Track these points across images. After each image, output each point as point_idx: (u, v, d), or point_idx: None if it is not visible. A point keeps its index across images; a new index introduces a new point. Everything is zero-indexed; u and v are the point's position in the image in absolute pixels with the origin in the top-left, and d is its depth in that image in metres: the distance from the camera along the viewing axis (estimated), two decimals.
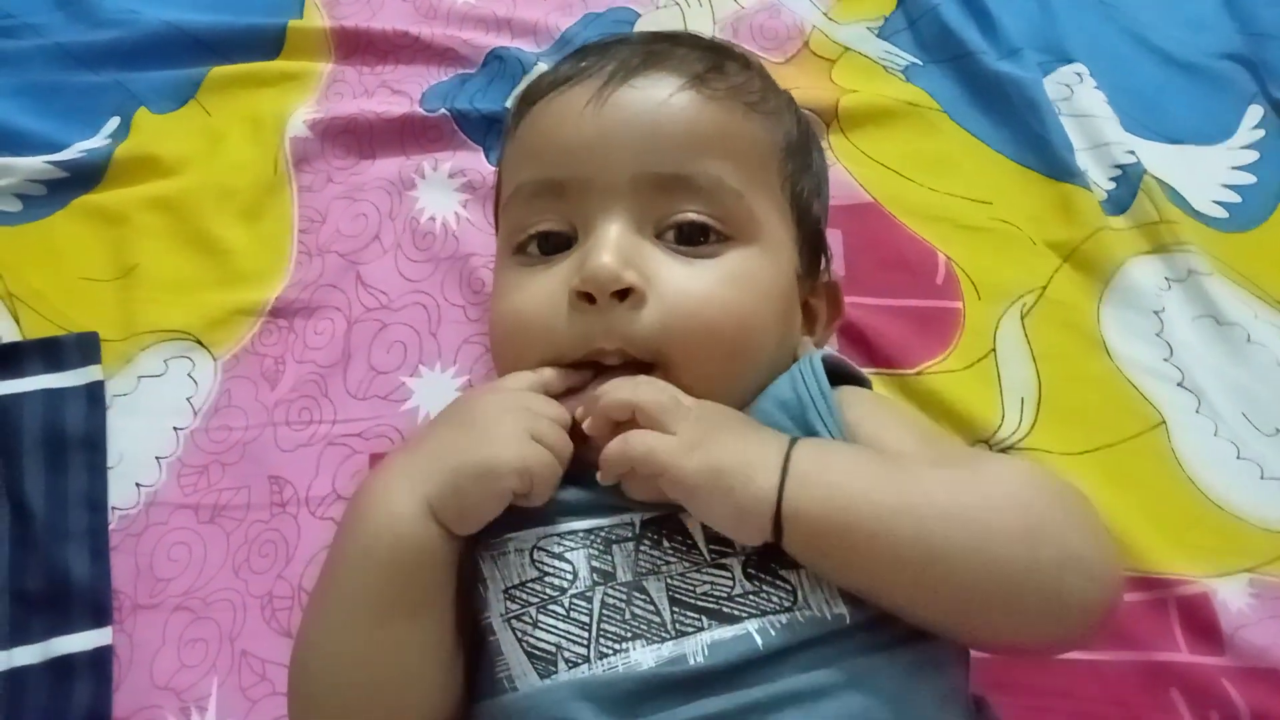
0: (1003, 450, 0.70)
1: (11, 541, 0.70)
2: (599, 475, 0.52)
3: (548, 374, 0.57)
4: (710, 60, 0.62)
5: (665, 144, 0.58)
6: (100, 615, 0.67)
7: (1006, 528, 0.48)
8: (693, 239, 0.58)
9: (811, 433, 0.55)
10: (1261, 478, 0.69)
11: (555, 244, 0.59)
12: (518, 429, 0.53)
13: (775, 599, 0.50)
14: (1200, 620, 0.64)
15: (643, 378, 0.54)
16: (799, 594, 0.50)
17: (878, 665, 0.48)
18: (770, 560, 0.51)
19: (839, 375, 0.60)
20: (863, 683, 0.48)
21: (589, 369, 0.57)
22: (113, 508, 0.71)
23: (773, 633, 0.49)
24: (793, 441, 0.51)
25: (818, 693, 0.47)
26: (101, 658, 0.66)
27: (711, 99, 0.60)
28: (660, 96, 0.59)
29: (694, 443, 0.50)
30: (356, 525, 0.52)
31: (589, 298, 0.55)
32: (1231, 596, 0.65)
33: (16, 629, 0.67)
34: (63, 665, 0.66)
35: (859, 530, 0.48)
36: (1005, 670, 0.62)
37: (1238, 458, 0.70)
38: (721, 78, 0.61)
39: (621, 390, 0.52)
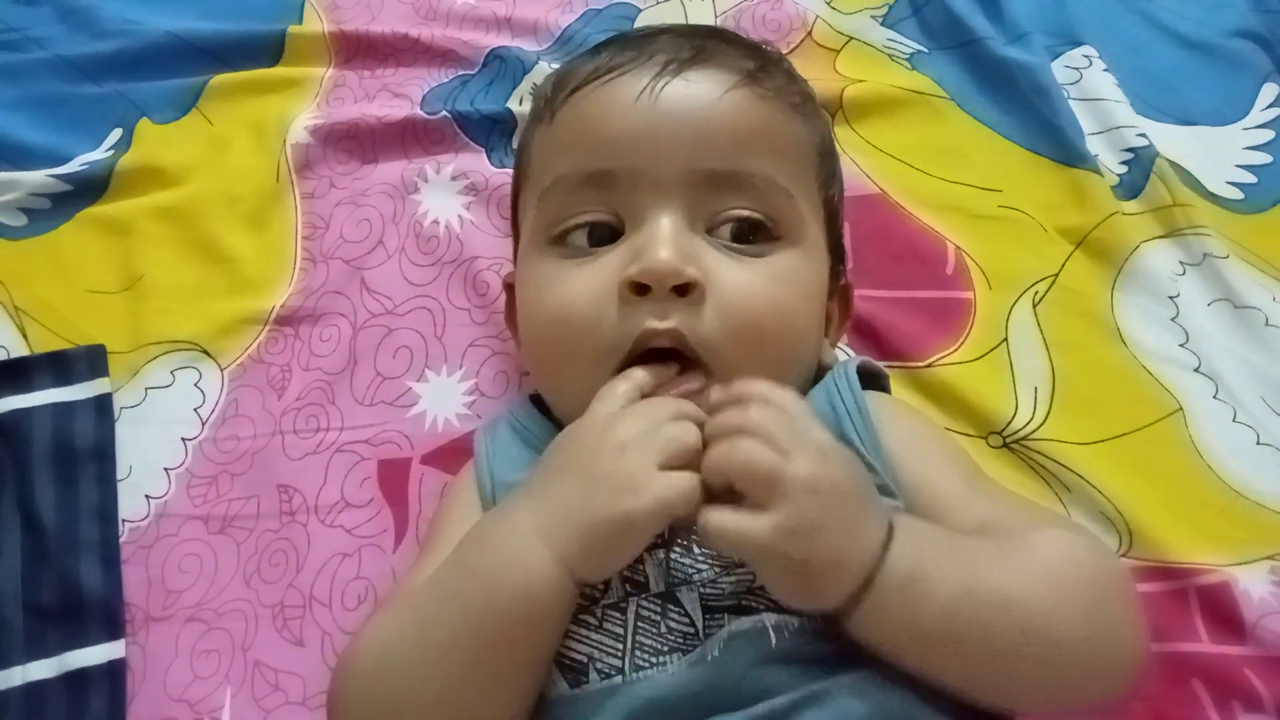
0: (1017, 441, 0.69)
1: (24, 555, 0.70)
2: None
3: (639, 375, 0.54)
4: (756, 59, 0.62)
5: (720, 140, 0.58)
6: (113, 628, 0.67)
7: (1072, 629, 0.48)
8: (743, 237, 0.58)
9: (845, 441, 0.54)
10: None
11: (599, 236, 0.59)
12: (644, 464, 0.49)
13: None
14: (1221, 610, 0.63)
15: (751, 413, 0.49)
16: None
17: (889, 671, 0.48)
18: None
19: (865, 378, 0.60)
20: (876, 685, 0.47)
21: (666, 362, 0.55)
22: (123, 520, 0.71)
23: (786, 634, 0.49)
24: (889, 535, 0.48)
25: (835, 694, 0.47)
26: (115, 670, 0.66)
27: (761, 98, 0.60)
28: (714, 92, 0.59)
29: (792, 529, 0.45)
30: (489, 579, 0.49)
31: (641, 288, 0.54)
32: (1253, 585, 0.63)
33: (32, 642, 0.67)
34: (78, 678, 0.66)
35: (927, 641, 0.47)
36: None
37: (1257, 443, 0.69)
38: (769, 78, 0.61)
39: (715, 458, 0.48)
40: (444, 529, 0.59)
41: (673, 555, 0.52)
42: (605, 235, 0.59)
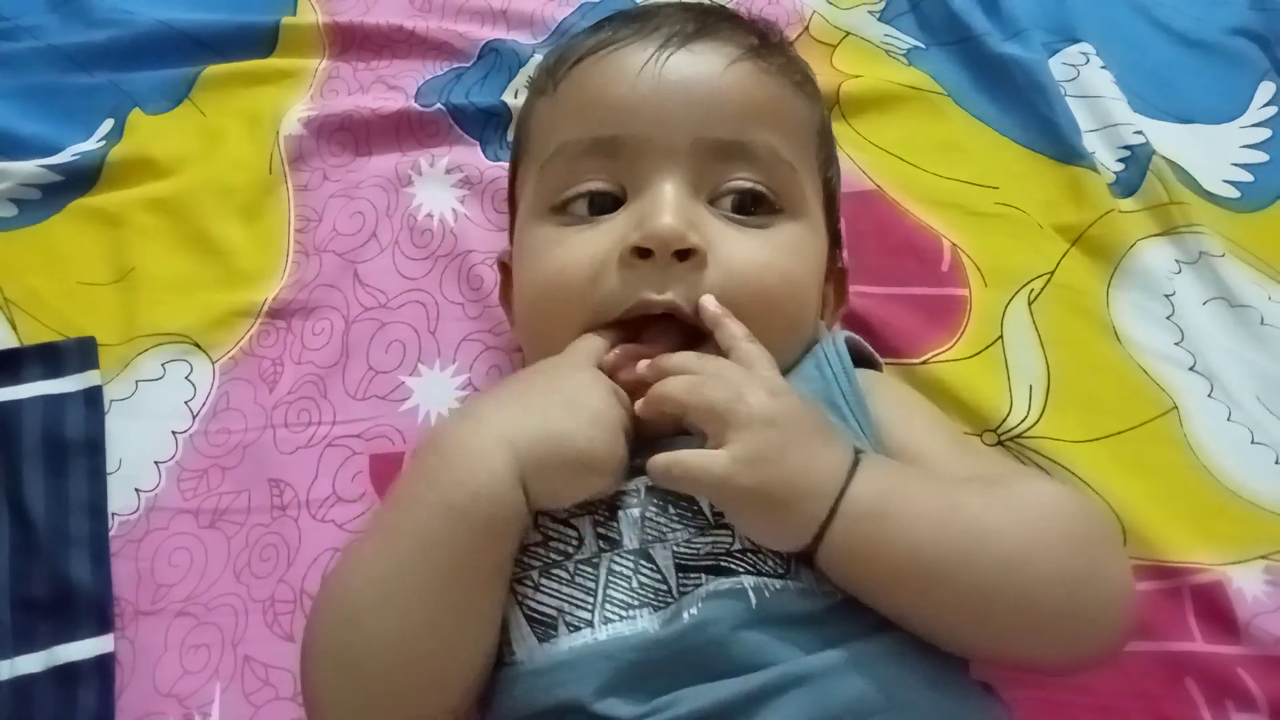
0: (1012, 439, 0.69)
1: (13, 548, 0.69)
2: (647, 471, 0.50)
3: (602, 347, 0.55)
4: (759, 35, 0.64)
5: (726, 111, 0.58)
6: (102, 622, 0.67)
7: (1052, 569, 0.48)
8: (746, 208, 0.58)
9: (833, 405, 0.55)
10: (1276, 462, 0.68)
11: (601, 206, 0.59)
12: (620, 426, 0.52)
13: (771, 563, 0.50)
14: (1215, 608, 0.63)
15: (709, 361, 0.52)
16: (791, 564, 0.50)
17: (873, 647, 0.48)
18: None
19: (858, 357, 0.61)
20: (861, 665, 0.47)
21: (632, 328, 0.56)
22: (113, 514, 0.71)
23: (766, 595, 0.49)
24: (854, 465, 0.49)
25: (819, 675, 0.47)
26: (104, 665, 0.66)
27: (765, 73, 0.61)
28: (719, 64, 0.59)
29: (750, 458, 0.47)
30: (448, 479, 0.49)
31: (644, 253, 0.54)
32: (1247, 584, 0.63)
33: (20, 637, 0.67)
34: (66, 673, 0.65)
35: (902, 574, 0.48)
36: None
37: (1252, 442, 0.69)
38: (772, 54, 0.62)
39: (676, 387, 0.50)
40: None
41: (648, 513, 0.52)
42: (607, 205, 0.59)
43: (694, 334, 0.55)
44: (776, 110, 0.61)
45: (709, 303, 0.54)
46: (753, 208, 0.58)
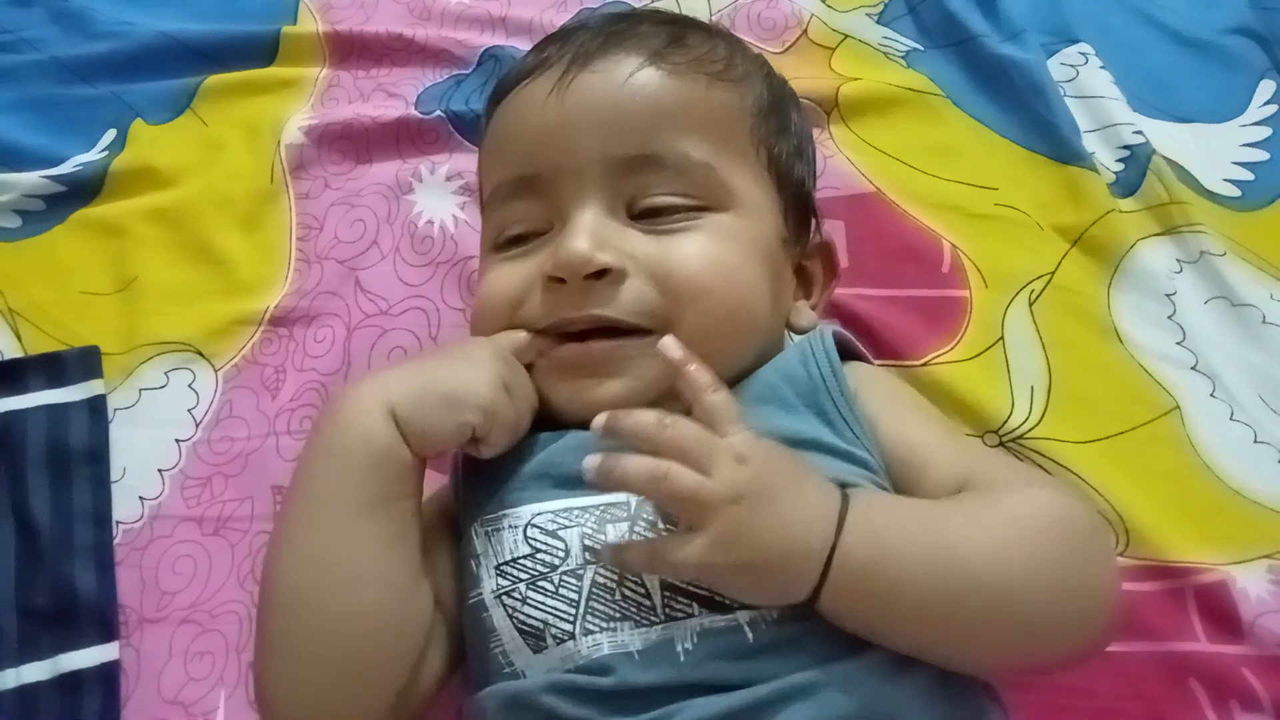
0: (1014, 440, 0.69)
1: (18, 558, 0.70)
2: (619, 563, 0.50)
3: (520, 336, 0.58)
4: (670, 34, 0.63)
5: (629, 124, 0.58)
6: (107, 630, 0.67)
7: (1037, 592, 0.48)
8: (666, 218, 0.58)
9: (821, 411, 0.55)
10: (1279, 461, 0.68)
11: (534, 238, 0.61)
12: (494, 373, 0.55)
13: None
14: (1219, 609, 0.63)
15: (667, 429, 0.48)
16: None
17: (876, 657, 0.48)
18: None
19: (845, 352, 0.60)
20: (866, 675, 0.47)
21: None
22: (116, 522, 0.71)
23: (764, 626, 0.48)
24: (842, 515, 0.47)
25: (822, 686, 0.47)
26: (109, 673, 0.66)
27: (672, 74, 0.60)
28: (620, 78, 0.59)
29: (724, 540, 0.46)
30: (324, 426, 0.54)
31: (561, 280, 0.56)
32: (1250, 583, 0.63)
33: (25, 645, 0.67)
34: (71, 681, 0.66)
35: (897, 617, 0.48)
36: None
37: (1254, 441, 0.69)
38: (682, 51, 0.62)
39: (637, 475, 0.47)
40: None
41: (636, 528, 0.52)
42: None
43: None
44: (687, 109, 0.60)
45: (669, 348, 0.51)
46: (674, 215, 0.58)
